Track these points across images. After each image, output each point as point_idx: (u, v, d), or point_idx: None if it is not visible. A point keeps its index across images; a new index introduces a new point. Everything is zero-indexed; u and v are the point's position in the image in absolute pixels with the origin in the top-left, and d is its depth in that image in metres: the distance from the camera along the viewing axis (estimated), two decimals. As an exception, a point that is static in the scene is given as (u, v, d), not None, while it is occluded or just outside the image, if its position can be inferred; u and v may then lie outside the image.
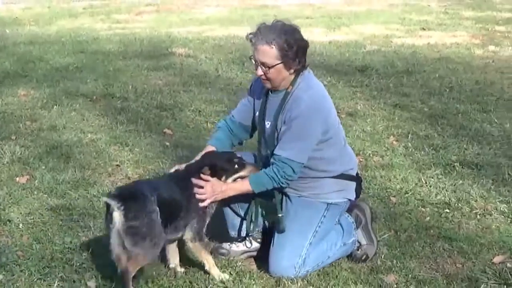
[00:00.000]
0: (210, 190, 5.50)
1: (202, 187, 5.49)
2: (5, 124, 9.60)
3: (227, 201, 5.90)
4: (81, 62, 13.66)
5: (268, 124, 5.75)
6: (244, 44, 15.69)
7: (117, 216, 5.01)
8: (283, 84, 5.65)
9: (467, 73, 13.00)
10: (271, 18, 6.19)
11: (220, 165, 5.60)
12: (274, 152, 5.60)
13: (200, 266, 5.74)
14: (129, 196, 5.09)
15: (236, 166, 5.64)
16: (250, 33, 5.60)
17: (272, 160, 5.62)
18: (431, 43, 16.18)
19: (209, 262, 5.61)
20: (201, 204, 5.48)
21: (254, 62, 5.60)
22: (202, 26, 18.93)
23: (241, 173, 5.64)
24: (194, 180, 5.49)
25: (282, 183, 5.61)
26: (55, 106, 10.44)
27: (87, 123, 9.67)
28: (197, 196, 5.47)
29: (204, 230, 5.64)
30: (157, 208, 5.12)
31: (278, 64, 5.50)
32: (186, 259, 5.84)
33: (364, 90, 11.69)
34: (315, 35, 17.14)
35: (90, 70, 12.95)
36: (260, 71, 5.57)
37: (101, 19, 20.53)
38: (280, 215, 5.80)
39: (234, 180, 5.63)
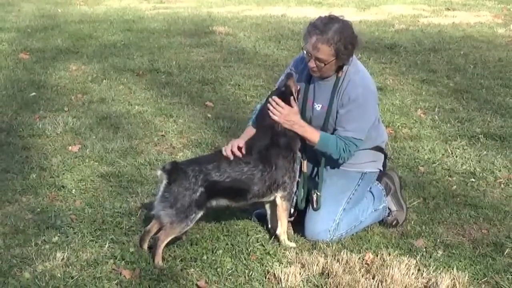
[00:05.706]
0: (285, 113, 5.42)
1: (282, 108, 5.43)
2: (58, 96, 9.61)
3: None
4: (128, 40, 13.63)
5: (318, 107, 5.70)
6: (279, 23, 15.60)
7: (161, 186, 5.28)
8: (331, 73, 5.62)
9: (490, 50, 12.81)
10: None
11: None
12: (340, 134, 5.53)
13: (242, 230, 5.76)
14: (174, 171, 5.24)
15: (283, 89, 5.58)
16: (308, 29, 5.50)
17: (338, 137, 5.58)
18: (455, 22, 15.94)
19: (283, 226, 5.59)
20: (273, 117, 5.42)
21: (306, 54, 5.52)
22: (240, 5, 18.80)
23: (292, 89, 5.55)
24: (276, 99, 5.44)
25: (344, 158, 5.61)
26: (104, 80, 10.45)
27: (134, 96, 9.66)
28: (271, 110, 5.43)
29: (295, 190, 5.64)
30: (197, 187, 5.21)
31: (332, 60, 5.45)
32: (228, 224, 5.84)
33: (393, 66, 11.57)
34: (346, 15, 16.92)
35: (136, 47, 12.92)
36: (312, 64, 5.51)
37: (146, -1, 20.49)
38: (319, 193, 5.75)
39: (295, 99, 5.54)
